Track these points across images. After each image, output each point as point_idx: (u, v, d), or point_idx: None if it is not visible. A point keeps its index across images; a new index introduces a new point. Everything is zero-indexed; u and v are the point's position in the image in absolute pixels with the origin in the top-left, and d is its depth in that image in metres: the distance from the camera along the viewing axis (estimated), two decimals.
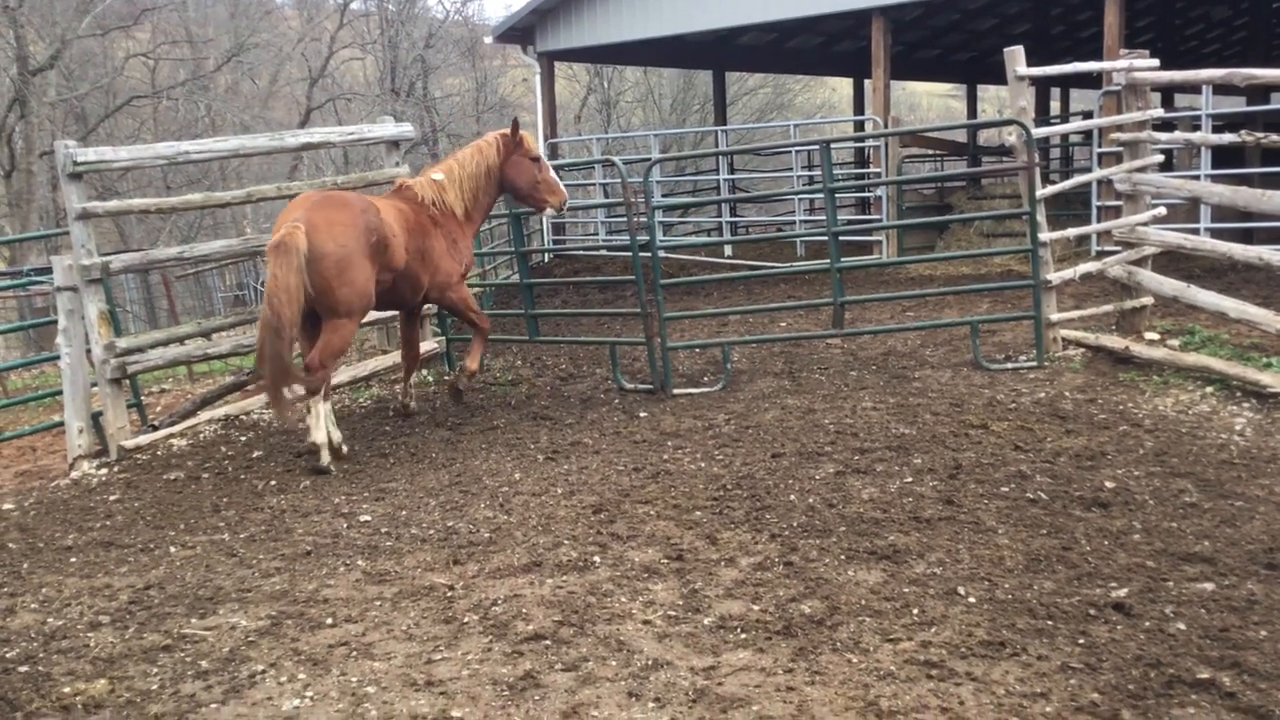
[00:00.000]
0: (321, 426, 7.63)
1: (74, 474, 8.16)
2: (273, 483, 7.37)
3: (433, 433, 8.42)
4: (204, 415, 9.20)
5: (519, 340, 11.19)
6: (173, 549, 6.12)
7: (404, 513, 6.42)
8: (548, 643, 4.44)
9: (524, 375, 10.40)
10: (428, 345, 10.52)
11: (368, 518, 6.37)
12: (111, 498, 7.33)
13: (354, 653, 4.49)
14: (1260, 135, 7.98)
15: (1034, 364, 8.83)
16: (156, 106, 34.23)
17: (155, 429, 8.90)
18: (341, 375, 10.08)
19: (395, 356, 10.43)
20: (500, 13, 62.53)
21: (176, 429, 8.83)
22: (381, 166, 10.68)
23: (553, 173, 8.89)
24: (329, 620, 4.86)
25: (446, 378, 9.93)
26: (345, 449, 7.94)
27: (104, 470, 8.10)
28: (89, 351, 8.58)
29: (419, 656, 4.41)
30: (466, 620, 4.73)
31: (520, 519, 6.07)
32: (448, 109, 40.18)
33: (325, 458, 7.58)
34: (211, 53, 36.02)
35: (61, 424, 9.03)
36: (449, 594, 5.05)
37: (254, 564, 5.74)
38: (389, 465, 7.61)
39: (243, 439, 8.60)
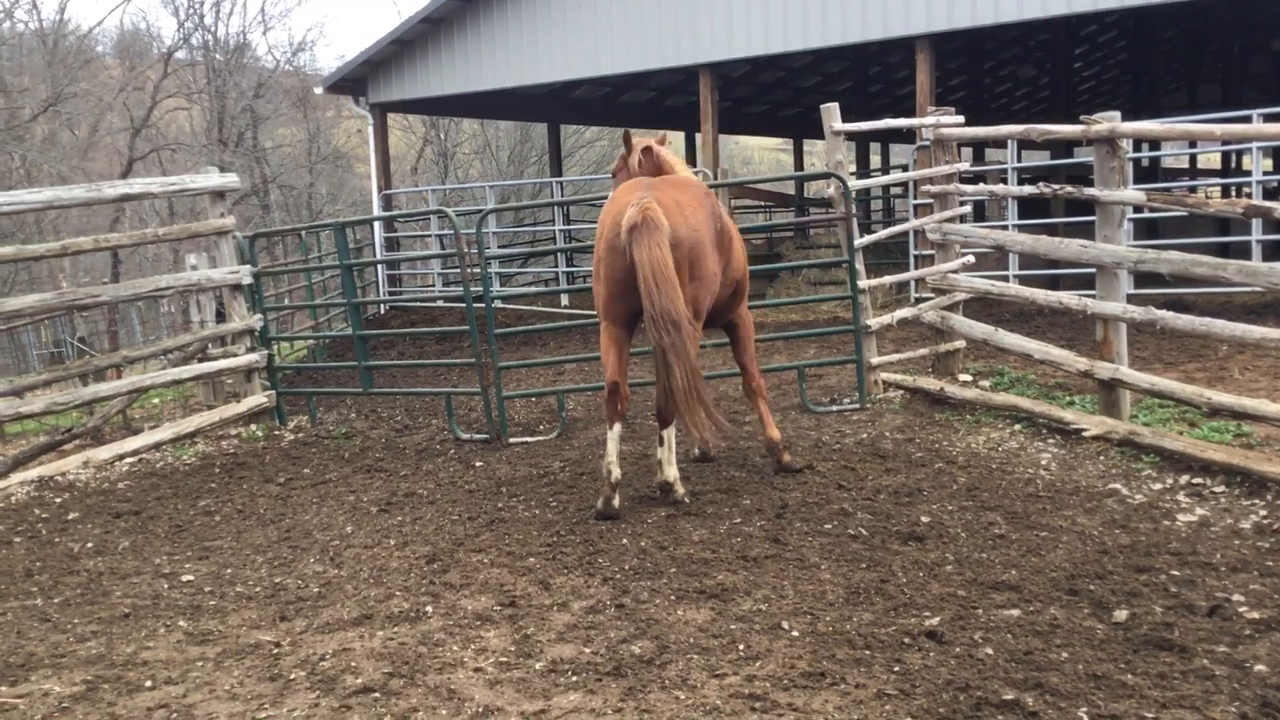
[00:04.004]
0: (673, 461, 6.79)
1: None
2: (89, 545, 7.08)
3: (262, 488, 8.23)
4: (16, 477, 8.78)
5: (353, 392, 11.05)
6: None
7: (229, 571, 6.25)
8: (377, 695, 4.39)
9: (358, 428, 10.26)
10: (256, 399, 10.30)
11: (190, 577, 6.19)
12: None
13: (174, 715, 4.35)
14: (1057, 187, 8.52)
15: (857, 406, 9.17)
16: None
17: None
18: (165, 432, 9.77)
19: (220, 412, 10.19)
20: (333, 63, 61.94)
21: None
22: (208, 218, 10.46)
23: None
24: (148, 683, 4.70)
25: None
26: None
27: None
28: None
29: (243, 716, 4.31)
30: (293, 677, 4.64)
31: (351, 572, 5.99)
32: (279, 159, 39.46)
33: (680, 489, 6.79)
34: (27, 102, 34.55)
35: None
36: (275, 651, 4.95)
37: (69, 628, 5.51)
38: (214, 523, 7.40)
39: (58, 500, 8.25)
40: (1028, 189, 8.87)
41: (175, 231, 10.87)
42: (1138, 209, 9.20)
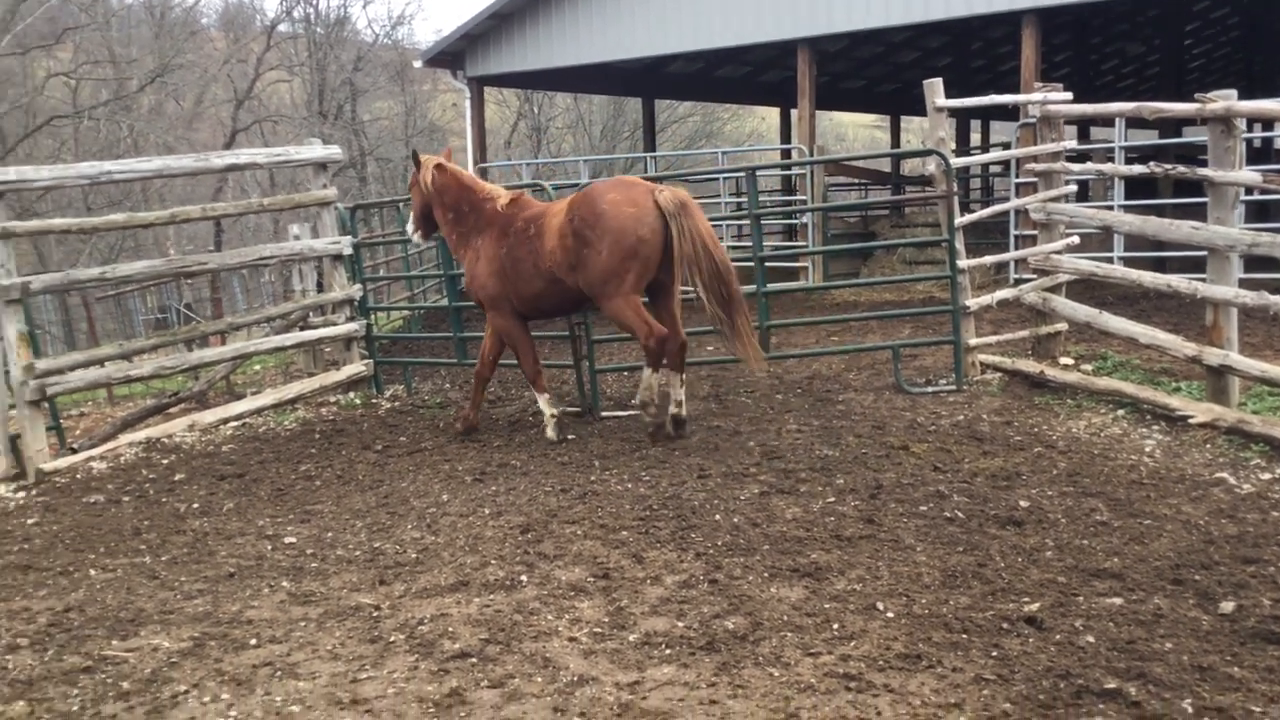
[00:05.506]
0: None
1: None
2: (195, 505, 7.29)
3: (360, 455, 8.39)
4: (125, 438, 9.08)
5: (448, 363, 11.20)
6: (93, 572, 6.04)
7: (330, 534, 6.39)
8: (474, 660, 4.46)
9: (452, 398, 10.39)
10: (355, 368, 10.49)
11: (293, 540, 6.34)
12: (30, 521, 7.20)
13: (278, 673, 4.48)
14: (1169, 167, 8.28)
15: (953, 387, 9.04)
16: (77, 127, 33.67)
17: (75, 452, 8.76)
18: (267, 397, 10.00)
19: (320, 380, 10.40)
20: (431, 37, 62.52)
21: (96, 452, 8.70)
22: (309, 189, 10.66)
23: None
24: (253, 641, 4.84)
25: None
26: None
27: (22, 493, 7.95)
28: (7, 373, 8.44)
29: (344, 675, 4.42)
30: (393, 639, 4.74)
31: (448, 539, 6.09)
32: (376, 132, 40.04)
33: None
34: (135, 73, 35.52)
35: None
36: (375, 614, 5.05)
37: (176, 586, 5.69)
38: (315, 488, 7.57)
39: (164, 462, 8.50)
40: (1137, 168, 8.63)
41: (280, 202, 11.10)
42: (1248, 190, 8.92)
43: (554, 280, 8.02)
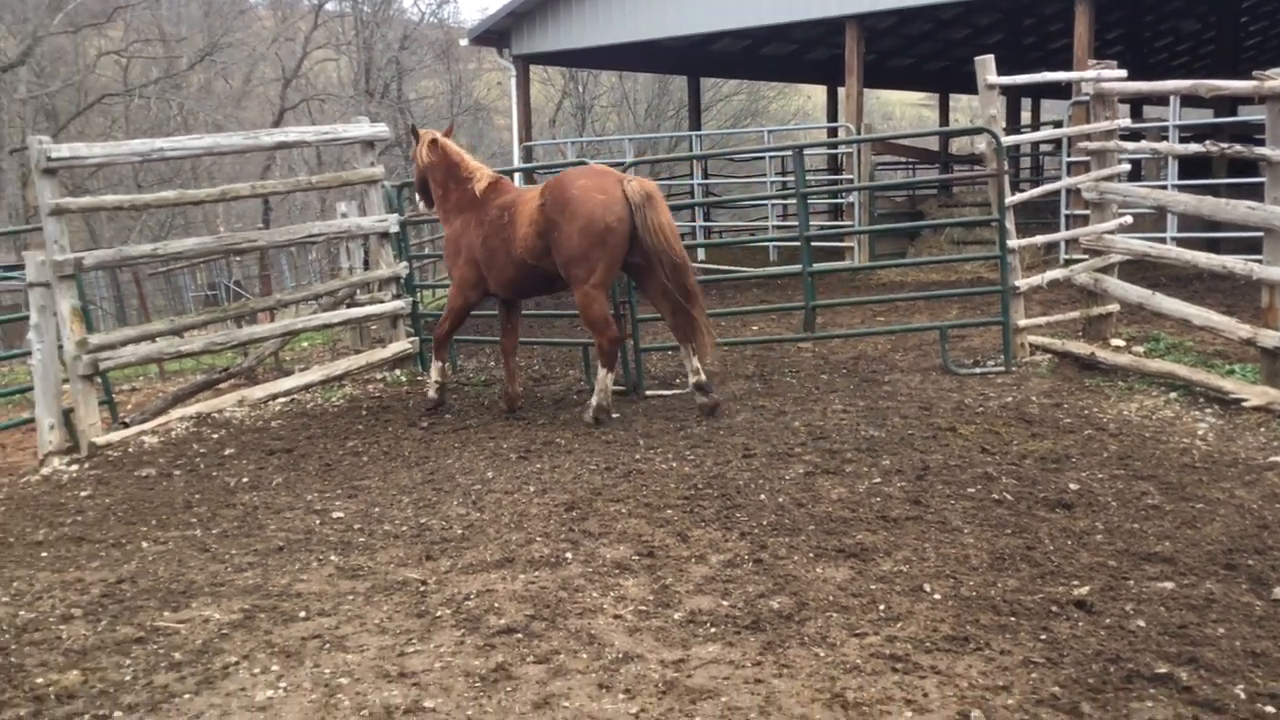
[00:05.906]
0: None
1: (44, 470, 8.13)
2: (245, 480, 7.37)
3: (406, 431, 8.45)
4: (176, 413, 9.19)
5: (492, 341, 11.23)
6: (144, 544, 6.13)
7: (377, 509, 6.45)
8: (519, 636, 4.48)
9: (497, 376, 10.43)
10: (401, 345, 10.54)
11: (340, 514, 6.40)
12: (83, 494, 7.32)
13: (327, 645, 4.53)
14: (1225, 146, 8.12)
15: (1002, 369, 8.95)
16: (128, 105, 34.06)
17: (127, 426, 8.89)
18: (315, 374, 10.09)
19: (367, 357, 10.47)
20: (476, 15, 62.55)
21: (148, 426, 8.82)
22: (356, 167, 10.71)
23: None
24: (302, 614, 4.89)
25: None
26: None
27: (75, 467, 8.08)
28: (60, 348, 8.57)
29: (392, 649, 4.45)
30: (439, 614, 4.78)
31: (493, 516, 6.12)
32: (422, 111, 40.16)
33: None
34: (184, 51, 35.86)
35: (32, 421, 9.01)
36: (422, 589, 5.09)
37: (226, 559, 5.76)
38: (362, 463, 7.63)
39: (215, 437, 8.60)
40: (1193, 147, 8.48)
41: (327, 179, 11.16)
42: None
43: (525, 265, 8.31)
